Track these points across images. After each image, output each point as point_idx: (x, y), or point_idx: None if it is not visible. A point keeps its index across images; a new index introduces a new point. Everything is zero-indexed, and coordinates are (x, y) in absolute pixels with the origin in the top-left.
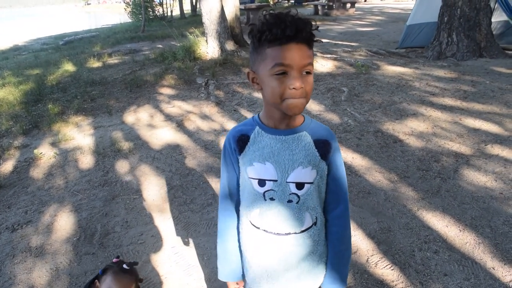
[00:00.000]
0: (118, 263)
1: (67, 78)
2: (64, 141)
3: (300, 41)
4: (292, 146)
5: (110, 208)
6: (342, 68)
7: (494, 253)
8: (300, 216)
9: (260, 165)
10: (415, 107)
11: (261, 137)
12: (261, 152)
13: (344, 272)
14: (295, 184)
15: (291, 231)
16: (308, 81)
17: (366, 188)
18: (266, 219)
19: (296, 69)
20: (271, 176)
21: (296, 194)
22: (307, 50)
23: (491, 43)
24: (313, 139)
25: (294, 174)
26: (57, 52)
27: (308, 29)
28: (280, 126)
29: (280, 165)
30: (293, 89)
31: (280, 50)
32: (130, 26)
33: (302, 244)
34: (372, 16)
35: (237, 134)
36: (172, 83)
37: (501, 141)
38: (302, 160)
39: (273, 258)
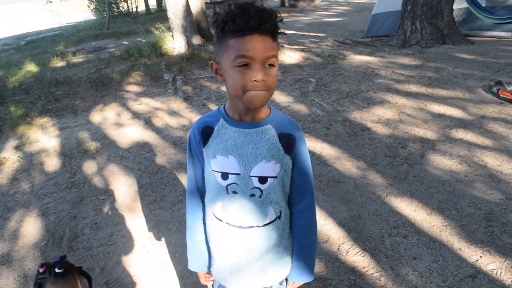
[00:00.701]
0: (47, 271)
1: (30, 79)
2: (29, 144)
3: (263, 32)
4: (255, 139)
5: (78, 211)
6: (310, 59)
7: (461, 235)
8: (263, 210)
9: (223, 158)
10: (381, 95)
11: (224, 129)
12: (224, 145)
13: (311, 264)
14: (258, 178)
15: (254, 224)
16: (271, 73)
17: (335, 177)
18: (229, 212)
19: (259, 61)
20: (234, 169)
21: (259, 188)
22: (271, 42)
23: (454, 30)
24: (277, 132)
25: (257, 168)
26: (19, 52)
27: (272, 21)
28: (244, 119)
29: (243, 158)
30: (255, 81)
31: (243, 41)
32: (94, 23)
33: (265, 237)
34: (338, 7)
35: (201, 125)
36: (139, 80)
37: (465, 125)
38: (265, 154)
39: (235, 251)
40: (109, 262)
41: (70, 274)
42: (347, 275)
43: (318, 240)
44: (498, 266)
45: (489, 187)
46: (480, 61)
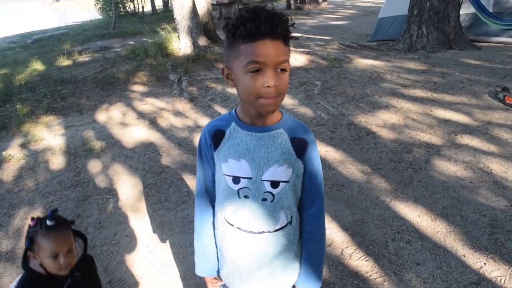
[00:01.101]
0: (39, 224)
1: (36, 77)
2: (34, 142)
3: (275, 37)
4: (268, 143)
5: (82, 209)
6: (315, 62)
7: (465, 241)
8: (275, 215)
9: (235, 162)
10: (387, 99)
11: (236, 133)
12: (236, 149)
13: (319, 270)
14: (270, 182)
15: (265, 229)
16: (283, 78)
17: (340, 180)
18: (240, 216)
19: (271, 66)
20: (245, 173)
21: (271, 192)
22: (282, 47)
23: (460, 35)
24: (289, 137)
25: (269, 172)
26: (25, 50)
27: (283, 25)
28: (256, 123)
29: (255, 162)
30: (267, 87)
31: (255, 46)
32: (100, 23)
33: (276, 243)
34: (344, 10)
35: (212, 129)
36: (144, 80)
37: (470, 131)
38: (277, 158)
39: (246, 256)
40: (112, 261)
41: (62, 226)
42: (350, 279)
43: None
44: (502, 273)
45: (494, 193)
46: (487, 67)
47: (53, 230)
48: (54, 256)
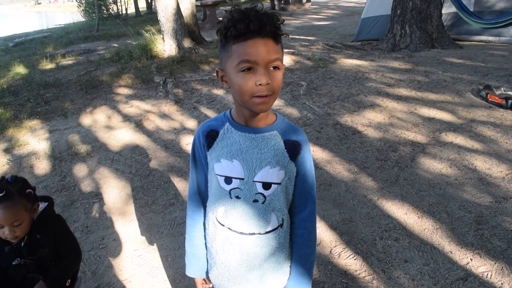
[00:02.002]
0: None
1: (19, 81)
2: (18, 146)
3: (265, 35)
4: (261, 144)
5: (69, 214)
6: (300, 62)
7: (452, 238)
8: (266, 217)
9: (228, 162)
10: (372, 99)
11: (230, 133)
12: (229, 149)
13: (309, 274)
14: (262, 183)
15: (255, 231)
16: (275, 76)
17: (327, 180)
18: (231, 217)
19: (262, 64)
20: (238, 174)
21: (263, 194)
22: (273, 45)
23: (442, 34)
24: (283, 139)
25: (262, 173)
26: (7, 54)
27: (273, 23)
28: (250, 124)
29: (248, 163)
30: (260, 85)
31: (245, 45)
32: (83, 25)
33: (266, 245)
34: (328, 10)
35: (206, 129)
36: (129, 83)
37: (454, 128)
38: (270, 159)
39: (236, 257)
40: (100, 265)
41: (11, 199)
42: (340, 278)
43: None
44: (488, 268)
45: (479, 190)
46: (469, 65)
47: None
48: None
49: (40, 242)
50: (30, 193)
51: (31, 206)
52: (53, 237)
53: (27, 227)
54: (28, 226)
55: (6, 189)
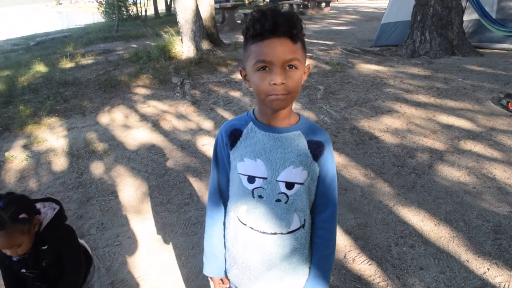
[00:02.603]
0: None
1: (39, 79)
2: (37, 143)
3: (280, 35)
4: (284, 144)
5: (85, 210)
6: (318, 66)
7: (468, 246)
8: (288, 217)
9: (251, 162)
10: (390, 104)
11: (253, 133)
12: (253, 148)
13: (327, 276)
14: (285, 183)
15: (277, 231)
16: (292, 76)
17: (343, 184)
18: (253, 216)
19: (278, 64)
20: (261, 173)
21: (285, 193)
22: (290, 45)
23: (463, 41)
24: (306, 139)
25: (285, 173)
26: (28, 53)
27: (289, 23)
28: (273, 124)
29: (271, 163)
30: (274, 84)
31: (261, 45)
32: (103, 26)
33: (287, 246)
34: (347, 15)
35: (229, 128)
36: (147, 83)
37: (473, 136)
38: (293, 159)
39: (257, 256)
40: (114, 262)
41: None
42: (353, 283)
43: None
44: (506, 279)
45: (498, 199)
46: (490, 73)
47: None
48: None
49: (45, 253)
50: (24, 218)
51: (28, 227)
52: (58, 249)
53: (28, 245)
54: (29, 243)
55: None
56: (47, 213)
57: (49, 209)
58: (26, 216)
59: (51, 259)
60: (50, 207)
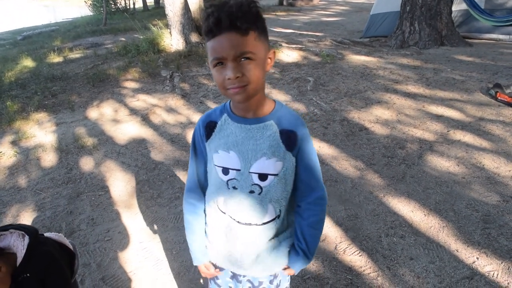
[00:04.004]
0: None
1: (26, 74)
2: (25, 139)
3: (225, 30)
4: (256, 135)
5: (75, 206)
6: (308, 58)
7: (458, 236)
8: (262, 208)
9: (225, 153)
10: (379, 95)
11: (227, 124)
12: (226, 140)
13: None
14: (257, 175)
15: (252, 222)
16: (247, 67)
17: (333, 176)
18: (230, 206)
19: (230, 59)
20: (234, 165)
21: (259, 185)
22: (238, 38)
23: (452, 31)
24: (279, 128)
25: (257, 164)
26: (15, 47)
27: (232, 17)
28: (247, 115)
29: (244, 154)
30: (229, 79)
31: (213, 42)
32: (91, 19)
33: (263, 235)
34: (337, 6)
35: (205, 120)
36: (136, 77)
37: (462, 127)
38: (265, 150)
39: (236, 244)
40: (105, 258)
41: None
42: (344, 274)
43: None
44: (494, 268)
45: (487, 189)
46: (478, 63)
47: None
48: None
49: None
50: None
51: None
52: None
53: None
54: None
55: None
56: (17, 245)
57: (16, 239)
58: None
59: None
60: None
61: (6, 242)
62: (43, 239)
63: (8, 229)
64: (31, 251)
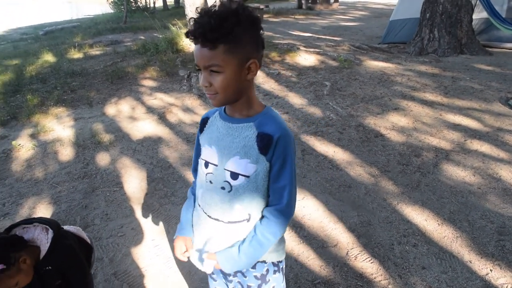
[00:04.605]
0: None
1: (47, 68)
2: (43, 132)
3: (197, 42)
4: (234, 134)
5: (89, 201)
6: (325, 62)
7: (472, 247)
8: (230, 206)
9: (208, 148)
10: (396, 102)
11: (215, 121)
12: (211, 136)
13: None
14: (230, 172)
15: (219, 218)
16: (215, 79)
17: (347, 182)
18: (204, 200)
19: (202, 68)
20: (213, 159)
21: (229, 183)
22: (206, 51)
23: (472, 40)
24: (258, 131)
25: (231, 162)
26: (37, 42)
27: (200, 32)
28: (233, 115)
29: (221, 150)
30: (200, 85)
31: (194, 49)
32: (112, 17)
33: (228, 234)
34: (356, 11)
35: (203, 116)
36: (154, 75)
37: (480, 136)
38: (239, 150)
39: (200, 235)
40: (118, 253)
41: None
42: (355, 280)
43: (327, 244)
44: (508, 281)
45: (503, 200)
46: (498, 72)
47: None
48: None
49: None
50: (3, 268)
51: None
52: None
53: (26, 279)
54: (26, 277)
55: None
56: (41, 238)
57: (40, 233)
58: (4, 266)
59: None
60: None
61: (30, 235)
62: (64, 233)
63: (32, 223)
64: (54, 244)
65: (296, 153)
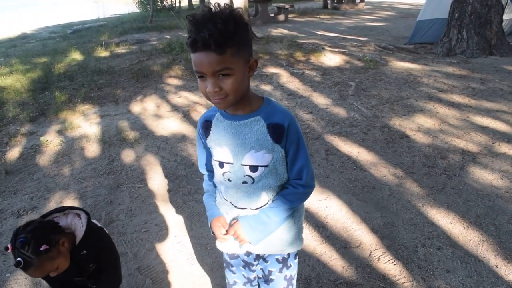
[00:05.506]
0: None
1: (74, 66)
2: (71, 129)
3: (202, 49)
4: (244, 131)
5: (114, 196)
6: (350, 62)
7: (498, 251)
8: (255, 195)
9: (219, 149)
10: (422, 103)
11: (220, 122)
12: (219, 137)
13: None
14: (249, 167)
15: (247, 207)
16: (226, 82)
17: (371, 182)
18: (229, 194)
19: (209, 74)
20: (228, 159)
21: (250, 176)
22: (214, 56)
23: (502, 41)
24: (266, 123)
25: (247, 157)
26: (65, 40)
27: (206, 40)
28: (236, 112)
29: (234, 149)
30: (209, 92)
31: (194, 56)
32: (138, 16)
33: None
34: (382, 11)
35: (202, 120)
36: (179, 74)
37: (508, 139)
38: (253, 144)
39: None
40: (141, 248)
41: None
42: (378, 282)
43: (350, 245)
44: None
45: None
46: None
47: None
48: None
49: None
50: (46, 249)
51: (56, 251)
52: (96, 256)
53: (65, 262)
54: (65, 260)
55: (22, 258)
56: (75, 224)
57: (73, 219)
58: (47, 247)
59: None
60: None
61: (63, 222)
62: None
63: (62, 211)
64: (90, 229)
65: (320, 152)
